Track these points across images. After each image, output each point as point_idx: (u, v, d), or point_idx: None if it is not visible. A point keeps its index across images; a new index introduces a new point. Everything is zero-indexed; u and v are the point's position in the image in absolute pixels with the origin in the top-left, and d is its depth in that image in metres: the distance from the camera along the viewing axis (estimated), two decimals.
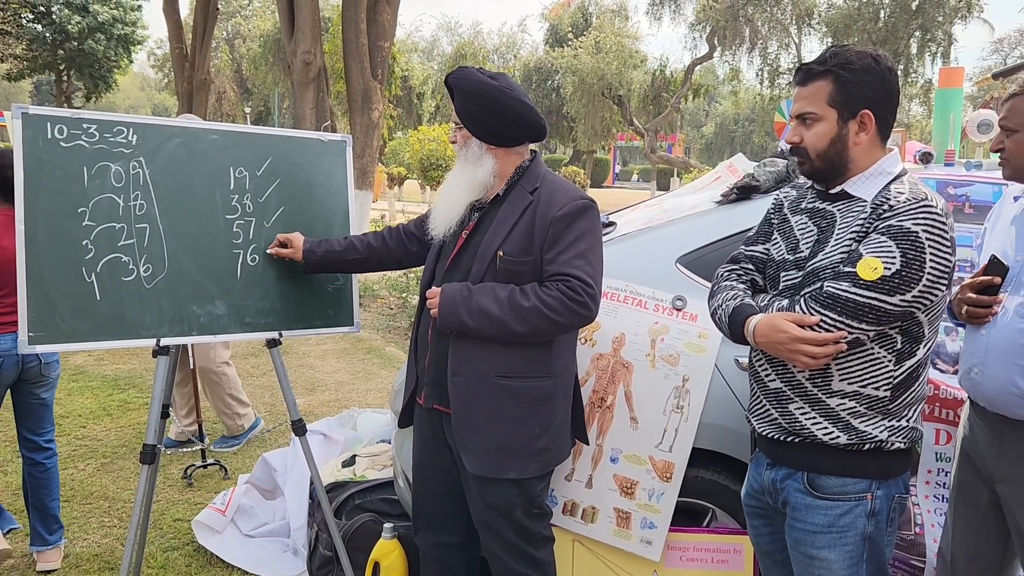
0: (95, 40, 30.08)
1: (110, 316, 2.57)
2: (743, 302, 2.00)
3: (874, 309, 1.78)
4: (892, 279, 1.76)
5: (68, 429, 5.00)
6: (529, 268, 2.32)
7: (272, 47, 33.90)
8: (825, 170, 1.94)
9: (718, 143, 52.83)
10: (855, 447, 1.89)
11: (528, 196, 2.38)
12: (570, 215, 2.31)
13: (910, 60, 25.91)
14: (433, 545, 2.61)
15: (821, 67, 1.89)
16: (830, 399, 1.91)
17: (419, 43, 40.02)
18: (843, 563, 1.91)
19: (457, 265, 2.42)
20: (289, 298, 2.88)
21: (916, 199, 1.81)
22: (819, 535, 1.93)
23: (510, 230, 2.35)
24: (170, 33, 17.69)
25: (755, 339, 1.92)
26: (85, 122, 2.54)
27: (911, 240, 1.77)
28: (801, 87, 1.93)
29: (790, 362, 1.89)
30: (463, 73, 2.36)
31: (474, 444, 2.35)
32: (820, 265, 1.91)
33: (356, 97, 11.46)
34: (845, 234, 1.90)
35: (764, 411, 2.04)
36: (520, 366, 2.33)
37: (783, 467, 2.01)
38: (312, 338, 7.55)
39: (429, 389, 2.44)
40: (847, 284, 1.80)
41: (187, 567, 3.40)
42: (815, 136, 1.91)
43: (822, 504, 1.92)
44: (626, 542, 2.69)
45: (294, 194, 2.88)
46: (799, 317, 1.84)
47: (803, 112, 1.92)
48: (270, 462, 3.91)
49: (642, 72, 28.76)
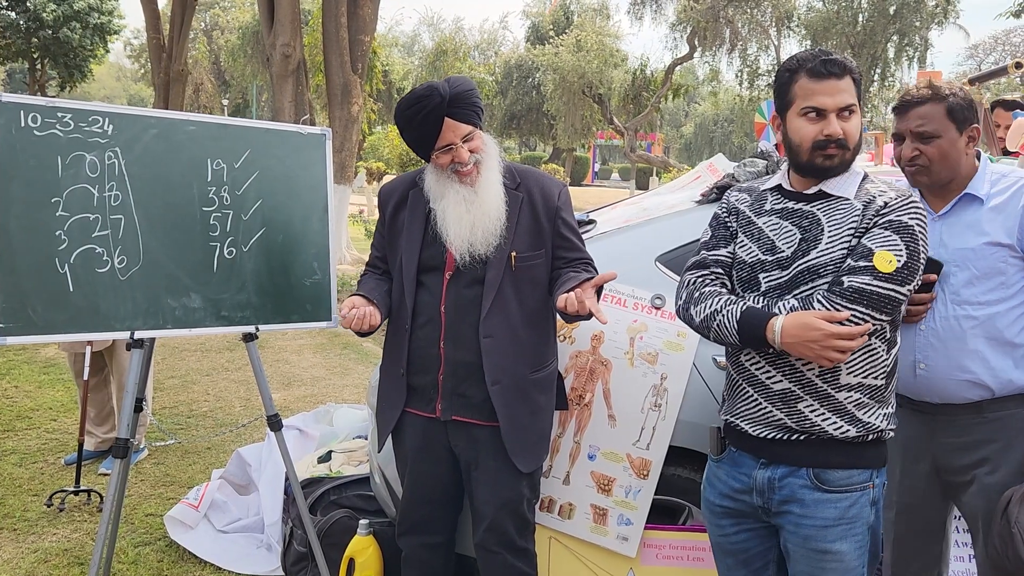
0: (70, 28, 29.62)
1: (83, 308, 2.54)
2: (748, 305, 1.99)
3: (892, 300, 1.89)
4: (903, 270, 1.89)
5: (39, 422, 4.94)
6: (541, 263, 2.40)
7: (251, 39, 33.58)
8: (851, 161, 2.00)
9: (697, 143, 53.07)
10: (861, 438, 1.97)
11: (515, 192, 2.38)
12: (566, 201, 2.46)
13: (887, 64, 26.17)
14: (417, 547, 2.60)
15: (849, 64, 1.95)
16: (838, 393, 1.97)
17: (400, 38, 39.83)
18: (854, 553, 1.98)
19: (462, 273, 2.38)
20: (266, 292, 2.85)
21: (904, 196, 1.96)
22: (830, 528, 1.97)
23: (515, 230, 2.36)
24: (147, 23, 17.52)
25: (783, 339, 1.90)
26: (60, 111, 2.50)
27: (910, 233, 1.91)
28: (837, 80, 1.94)
29: (817, 360, 1.89)
30: (454, 80, 2.33)
31: (524, 444, 2.40)
32: (817, 263, 1.95)
33: (335, 91, 11.40)
34: (841, 231, 1.96)
35: (763, 413, 2.03)
36: (543, 356, 2.46)
37: (782, 465, 2.02)
38: (289, 333, 7.50)
39: (446, 402, 2.41)
40: (868, 277, 1.88)
41: (159, 562, 3.37)
42: (855, 127, 1.97)
43: (831, 497, 1.97)
44: (602, 538, 2.70)
45: (272, 187, 2.86)
46: (830, 314, 1.87)
47: (848, 104, 1.95)
48: (244, 457, 3.88)
49: (623, 71, 28.80)
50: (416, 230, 2.43)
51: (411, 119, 2.32)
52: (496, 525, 2.44)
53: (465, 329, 2.35)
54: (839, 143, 1.95)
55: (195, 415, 5.25)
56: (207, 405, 5.49)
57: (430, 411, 2.43)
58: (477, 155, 2.36)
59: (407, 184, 2.52)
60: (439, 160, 2.36)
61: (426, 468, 2.50)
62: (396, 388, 2.48)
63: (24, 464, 4.28)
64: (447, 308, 2.37)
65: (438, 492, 2.54)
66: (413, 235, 2.43)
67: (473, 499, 2.49)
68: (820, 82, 1.94)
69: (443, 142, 2.32)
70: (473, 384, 2.37)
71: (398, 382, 2.46)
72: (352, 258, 12.05)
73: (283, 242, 2.88)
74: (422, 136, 2.34)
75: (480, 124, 2.39)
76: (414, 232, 2.43)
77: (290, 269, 2.89)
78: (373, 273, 2.60)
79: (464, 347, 2.35)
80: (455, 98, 2.29)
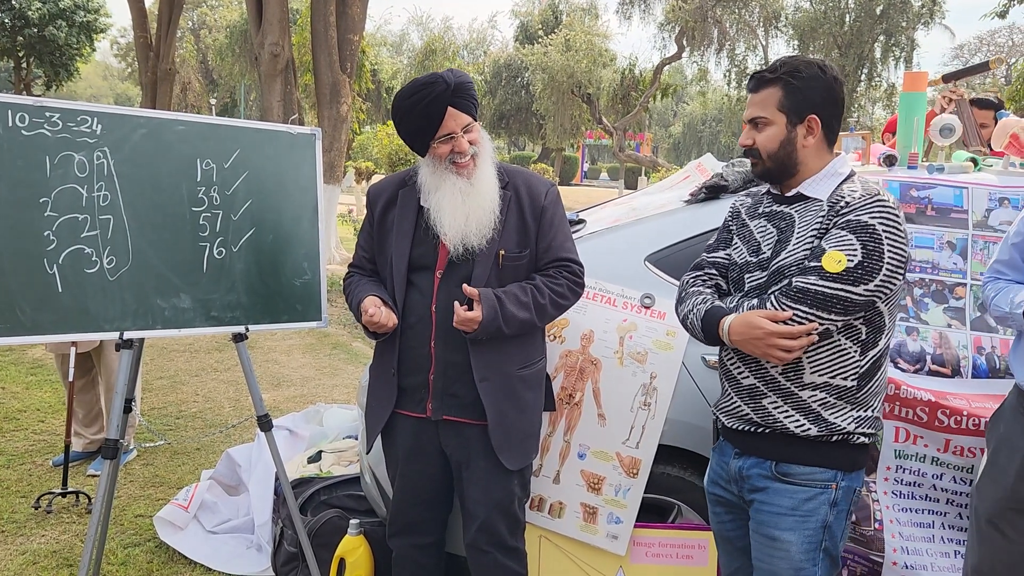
0: (56, 27, 29.38)
1: (72, 308, 2.53)
2: (714, 304, 2.09)
3: (841, 300, 1.89)
4: (856, 270, 1.88)
5: (26, 424, 4.91)
6: (526, 262, 2.42)
7: (239, 38, 33.42)
8: (776, 171, 2.07)
9: (686, 143, 53.21)
10: (824, 438, 1.99)
11: (504, 191, 2.41)
12: (554, 200, 2.45)
13: (874, 64, 26.31)
14: (408, 547, 2.60)
15: (772, 75, 2.03)
16: (802, 391, 2.00)
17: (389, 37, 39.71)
18: (801, 547, 2.00)
19: (453, 271, 2.38)
20: (256, 292, 2.85)
21: (870, 195, 1.95)
22: (783, 517, 2.01)
23: (503, 228, 2.37)
24: (134, 21, 17.39)
25: (731, 338, 2.00)
26: (48, 110, 2.49)
27: (869, 233, 1.89)
28: (753, 93, 2.06)
29: (765, 358, 1.97)
30: (456, 71, 2.36)
31: (512, 442, 2.40)
32: (784, 263, 2.01)
33: (324, 90, 11.37)
34: (806, 232, 2.00)
35: (735, 407, 2.12)
36: (530, 354, 2.47)
37: (752, 456, 2.09)
38: (278, 333, 7.48)
39: (437, 402, 2.41)
40: (815, 278, 1.91)
41: (148, 563, 3.36)
42: (766, 139, 2.03)
43: (789, 488, 2.01)
44: (592, 537, 2.71)
45: (262, 187, 2.85)
46: (772, 313, 1.93)
47: (755, 117, 2.05)
48: (234, 458, 3.87)
49: (611, 71, 28.83)
50: (406, 228, 2.43)
51: (414, 107, 2.31)
52: (487, 525, 2.44)
53: (456, 328, 2.35)
54: (751, 152, 2.06)
55: (184, 416, 5.23)
56: (196, 406, 5.46)
57: (421, 411, 2.43)
58: (475, 147, 2.38)
59: (396, 183, 2.52)
60: (438, 150, 2.36)
61: (417, 469, 2.50)
62: (386, 389, 2.47)
63: (12, 466, 4.25)
64: (438, 308, 2.37)
65: (429, 493, 2.54)
66: (403, 233, 2.43)
67: (464, 499, 2.49)
68: (750, 95, 2.08)
69: (444, 131, 2.33)
70: (464, 383, 2.38)
71: (389, 382, 2.46)
72: (341, 258, 12.02)
73: (273, 242, 2.88)
74: (423, 125, 2.33)
75: (477, 118, 2.42)
76: (404, 230, 2.43)
77: (280, 269, 2.89)
78: (360, 274, 2.58)
79: (455, 346, 2.35)
80: (459, 87, 2.31)
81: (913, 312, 2.73)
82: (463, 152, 2.34)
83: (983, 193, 2.85)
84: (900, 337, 2.70)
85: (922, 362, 2.67)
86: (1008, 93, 17.78)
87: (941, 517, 2.63)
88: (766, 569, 2.06)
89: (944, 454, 2.58)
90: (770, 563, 2.04)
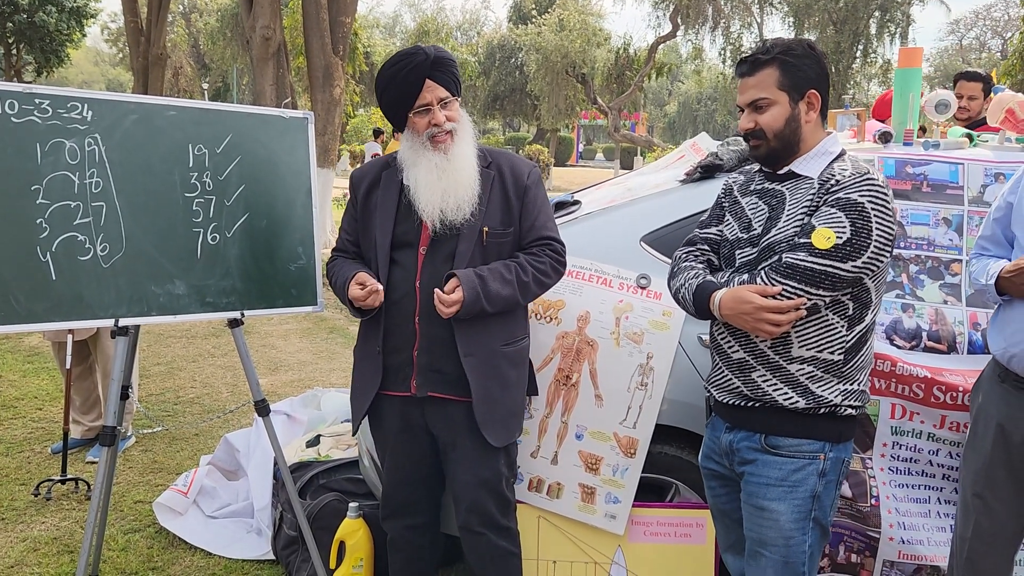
0: (46, 12, 29.10)
1: (66, 296, 2.52)
2: (705, 279, 2.11)
3: (829, 276, 1.93)
4: (844, 247, 1.92)
5: (24, 411, 4.91)
6: (510, 239, 2.44)
7: (230, 22, 33.19)
8: (781, 150, 2.07)
9: (681, 122, 53.04)
10: (811, 411, 2.03)
11: (487, 170, 2.44)
12: (536, 181, 2.49)
13: (869, 40, 26.23)
14: (402, 528, 2.62)
15: (766, 56, 2.03)
16: (790, 365, 2.04)
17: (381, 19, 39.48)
18: (791, 516, 2.04)
19: (437, 248, 2.40)
20: (251, 277, 2.84)
21: (860, 173, 1.98)
22: (772, 487, 2.06)
23: (487, 206, 2.39)
24: (124, 6, 17.24)
25: (721, 312, 2.04)
26: (38, 97, 2.47)
27: (858, 210, 1.93)
28: (749, 77, 2.07)
29: (754, 332, 2.01)
30: (438, 46, 2.39)
31: (495, 418, 2.42)
32: (775, 240, 2.04)
33: (317, 74, 11.29)
34: (796, 210, 2.04)
35: (726, 381, 2.16)
36: (514, 330, 2.48)
37: (742, 430, 2.13)
38: (274, 317, 7.48)
39: (421, 378, 2.42)
40: (804, 254, 1.94)
41: (149, 549, 3.37)
42: (771, 118, 2.04)
43: (778, 460, 2.06)
44: (591, 517, 2.72)
45: (255, 172, 2.84)
46: (762, 288, 1.97)
47: (756, 99, 2.05)
48: (233, 443, 3.88)
49: (606, 50, 28.71)
50: (389, 207, 2.45)
51: (394, 76, 2.36)
52: (477, 505, 2.46)
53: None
54: (754, 134, 2.07)
55: (182, 402, 5.24)
56: (194, 392, 5.47)
57: (405, 389, 2.44)
58: (453, 124, 2.40)
59: (380, 166, 2.55)
60: (416, 124, 2.39)
61: (406, 449, 2.52)
62: (371, 367, 2.48)
63: (11, 453, 4.26)
64: (422, 284, 2.38)
65: (420, 473, 2.55)
66: (386, 212, 2.45)
67: (452, 481, 2.51)
68: (739, 82, 2.09)
69: (422, 102, 2.35)
70: (448, 359, 2.39)
71: (374, 360, 2.47)
72: None
73: (267, 227, 2.87)
74: (401, 95, 2.37)
75: (458, 95, 2.44)
76: (387, 209, 2.45)
77: (275, 254, 2.88)
78: (344, 257, 2.59)
79: (439, 322, 2.36)
80: (438, 60, 2.35)
81: (909, 289, 2.74)
82: (439, 124, 2.36)
83: (979, 169, 2.84)
84: (896, 314, 2.70)
85: (918, 339, 2.67)
86: (1004, 68, 17.72)
87: (937, 492, 2.64)
88: (757, 539, 2.10)
89: (940, 430, 2.59)
90: (760, 533, 2.09)
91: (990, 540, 2.29)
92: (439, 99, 2.36)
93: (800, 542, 2.05)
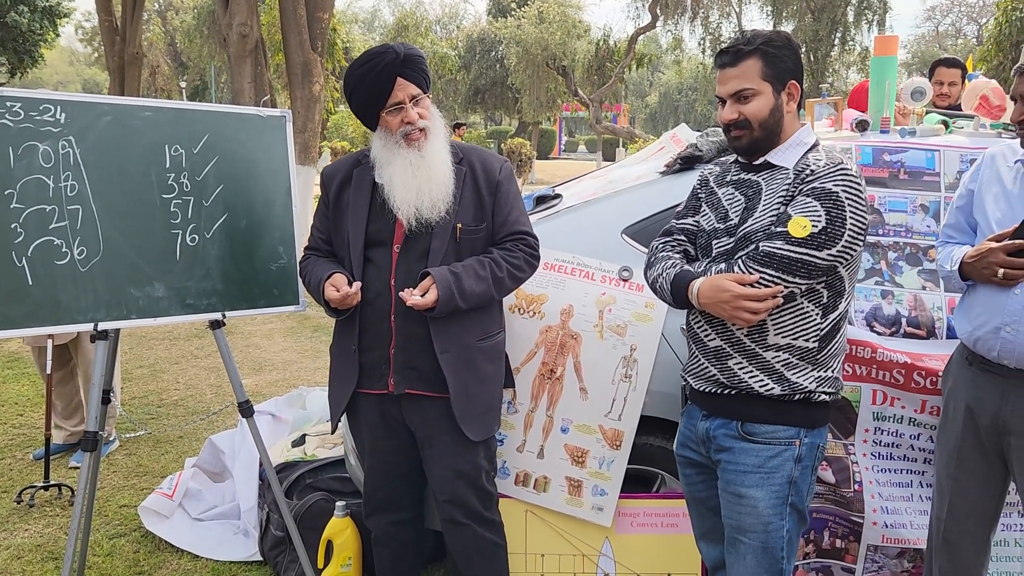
0: (18, 12, 28.70)
1: (44, 301, 2.49)
2: (683, 268, 2.14)
3: (805, 264, 1.96)
4: (819, 235, 1.95)
5: (4, 418, 4.86)
6: (483, 235, 2.44)
7: (207, 19, 32.85)
8: (764, 140, 2.09)
9: (662, 112, 53.09)
10: (786, 397, 2.06)
11: (459, 166, 2.44)
12: (508, 176, 2.49)
13: (847, 28, 26.36)
14: (385, 525, 2.62)
15: (749, 47, 2.04)
16: (766, 352, 2.07)
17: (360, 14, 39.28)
18: (768, 502, 2.07)
19: (411, 246, 2.40)
20: (232, 278, 2.82)
21: (834, 164, 2.02)
22: (749, 474, 2.08)
23: (459, 202, 2.39)
24: (98, 5, 16.99)
25: (699, 300, 2.05)
26: (9, 100, 2.44)
27: (833, 200, 1.96)
28: (730, 68, 2.07)
29: (731, 320, 2.03)
30: (408, 44, 2.39)
31: (473, 412, 2.42)
32: (751, 229, 2.07)
33: (296, 70, 11.19)
34: (772, 199, 2.06)
35: (702, 369, 2.17)
36: (488, 325, 2.49)
37: (718, 417, 2.15)
38: (258, 317, 7.44)
39: (398, 376, 2.42)
40: (780, 242, 1.97)
41: (135, 553, 3.35)
42: (757, 108, 2.05)
43: (754, 448, 2.08)
44: (578, 509, 2.73)
45: (233, 171, 2.81)
46: (740, 277, 1.99)
47: (740, 89, 2.05)
48: (218, 444, 3.85)
49: (586, 42, 28.68)
50: (362, 205, 2.45)
51: (364, 76, 2.34)
52: (458, 498, 2.47)
53: None
54: (738, 124, 2.07)
55: (165, 404, 5.20)
56: (177, 394, 5.43)
57: (382, 387, 2.44)
58: (426, 122, 2.39)
59: (351, 163, 2.54)
60: (388, 122, 2.38)
61: (385, 445, 2.52)
62: (348, 366, 2.48)
63: None
64: (397, 282, 2.37)
65: (401, 469, 2.56)
66: (359, 210, 2.45)
67: (432, 478, 2.50)
68: (720, 72, 2.10)
69: (394, 100, 2.35)
70: (424, 356, 2.39)
71: (350, 359, 2.47)
72: None
73: (246, 227, 2.85)
74: (372, 94, 2.36)
75: (428, 93, 2.44)
76: (360, 207, 2.45)
77: (255, 254, 2.86)
78: (317, 255, 2.58)
79: (414, 320, 2.36)
80: (408, 58, 2.34)
81: (888, 275, 2.76)
82: (412, 122, 2.36)
83: (955, 155, 2.86)
84: (876, 300, 2.72)
85: (897, 325, 2.70)
86: (980, 54, 17.87)
87: (919, 476, 2.67)
88: (735, 526, 2.12)
89: (921, 415, 2.61)
90: (739, 520, 2.11)
91: (964, 520, 2.34)
92: (411, 96, 2.36)
93: (778, 527, 2.08)
